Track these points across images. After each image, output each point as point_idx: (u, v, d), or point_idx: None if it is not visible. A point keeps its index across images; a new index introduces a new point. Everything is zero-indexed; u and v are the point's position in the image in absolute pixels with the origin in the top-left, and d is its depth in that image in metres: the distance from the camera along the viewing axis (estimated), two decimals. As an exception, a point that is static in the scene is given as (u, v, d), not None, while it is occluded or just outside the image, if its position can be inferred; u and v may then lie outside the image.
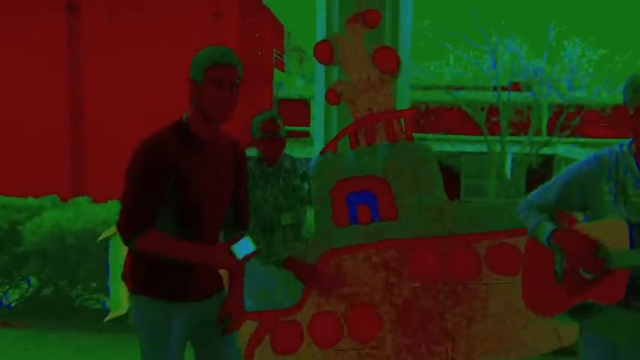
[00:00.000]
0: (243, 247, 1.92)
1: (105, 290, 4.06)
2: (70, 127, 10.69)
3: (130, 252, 2.06)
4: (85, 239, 4.65)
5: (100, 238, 2.89)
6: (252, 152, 2.86)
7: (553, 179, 2.05)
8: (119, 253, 2.72)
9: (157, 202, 1.94)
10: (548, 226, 1.93)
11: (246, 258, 1.93)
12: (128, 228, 1.94)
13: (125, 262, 2.11)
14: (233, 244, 1.92)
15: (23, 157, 10.31)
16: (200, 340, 2.13)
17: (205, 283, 2.09)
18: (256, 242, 2.34)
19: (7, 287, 5.32)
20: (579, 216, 2.06)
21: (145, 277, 2.03)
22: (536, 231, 1.97)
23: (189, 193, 1.97)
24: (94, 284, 4.91)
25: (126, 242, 1.96)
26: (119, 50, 10.41)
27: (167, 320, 2.00)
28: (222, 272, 2.20)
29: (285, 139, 2.90)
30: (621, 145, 1.92)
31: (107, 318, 3.26)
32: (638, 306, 1.81)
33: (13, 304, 5.31)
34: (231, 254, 1.91)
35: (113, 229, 2.67)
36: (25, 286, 5.27)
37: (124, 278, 2.14)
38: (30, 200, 5.31)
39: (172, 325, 2.01)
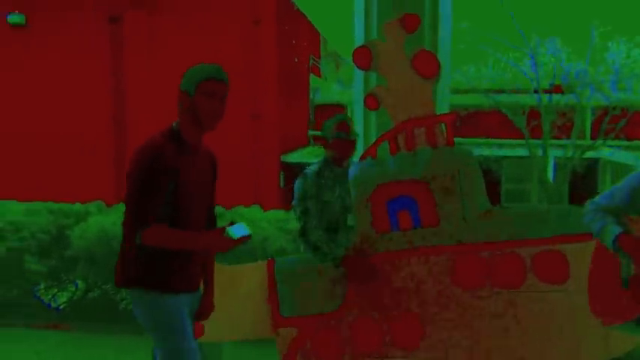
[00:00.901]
0: (238, 229, 2.08)
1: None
2: (114, 134, 10.98)
3: (130, 251, 2.16)
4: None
5: None
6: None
7: (622, 182, 2.02)
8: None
9: (160, 200, 2.10)
10: (614, 230, 1.89)
11: (241, 240, 2.08)
12: (135, 223, 2.09)
13: (122, 262, 2.21)
14: (227, 228, 2.08)
15: (69, 164, 10.64)
16: None
17: (197, 275, 2.30)
18: (318, 241, 2.60)
19: (56, 290, 5.49)
20: None
21: (153, 271, 2.16)
22: (602, 234, 1.94)
23: (183, 194, 2.16)
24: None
25: (130, 237, 2.10)
26: (160, 58, 10.63)
27: (180, 309, 2.18)
28: None
29: (355, 142, 2.99)
30: None
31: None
32: None
33: (61, 307, 5.48)
34: (226, 236, 2.07)
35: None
36: (73, 289, 5.43)
37: (119, 278, 2.23)
38: (77, 206, 5.48)
39: (184, 314, 2.19)
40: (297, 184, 2.90)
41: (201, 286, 2.40)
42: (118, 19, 11.05)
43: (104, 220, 4.97)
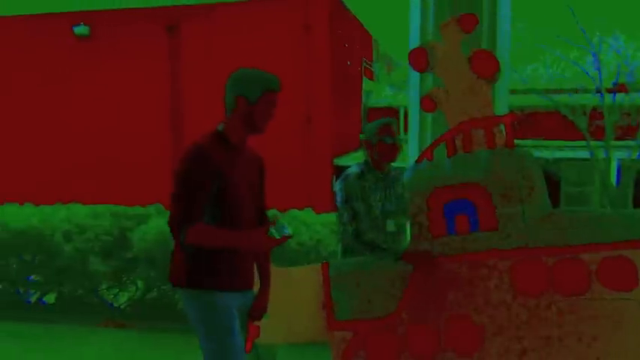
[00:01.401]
0: (280, 229, 2.13)
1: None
2: (171, 139, 11.31)
3: (181, 251, 2.24)
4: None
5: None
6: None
7: None
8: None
9: (204, 200, 2.17)
10: None
11: (284, 238, 2.14)
12: (180, 222, 2.14)
13: (174, 261, 2.29)
14: (270, 227, 2.13)
15: (130, 168, 11.03)
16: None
17: (247, 274, 2.34)
18: (376, 239, 2.68)
19: (118, 290, 5.69)
20: None
21: (200, 270, 2.21)
22: None
23: (230, 194, 2.22)
24: (194, 289, 5.12)
25: (176, 235, 2.17)
26: (215, 65, 10.88)
27: (230, 308, 2.22)
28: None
29: (401, 146, 2.95)
30: None
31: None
32: None
33: (122, 306, 5.67)
34: (269, 236, 2.12)
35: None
36: (133, 289, 5.60)
37: (172, 278, 2.31)
38: (137, 208, 5.66)
39: (232, 314, 2.23)
40: (339, 185, 2.88)
41: (256, 286, 2.43)
42: (175, 28, 11.38)
43: (163, 223, 5.10)
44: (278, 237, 2.12)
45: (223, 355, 2.21)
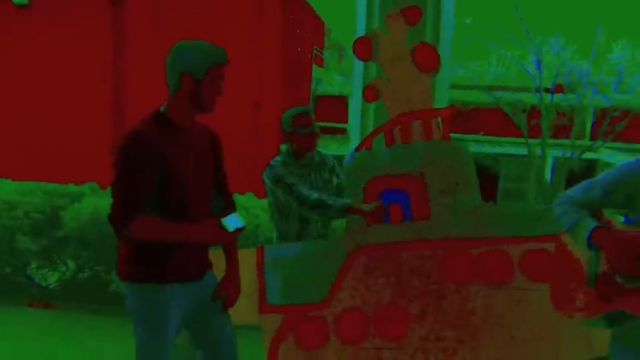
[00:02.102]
0: (233, 221, 2.03)
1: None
2: (112, 117, 10.95)
3: (122, 241, 2.12)
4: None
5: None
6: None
7: (597, 177, 1.96)
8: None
9: (146, 189, 2.01)
10: (590, 223, 1.85)
11: (237, 231, 2.04)
12: (120, 215, 1.99)
13: (118, 252, 2.16)
14: (221, 218, 2.02)
15: (65, 145, 10.61)
16: (197, 321, 2.21)
17: (197, 262, 2.18)
18: (319, 197, 2.63)
19: (47, 270, 5.49)
20: (618, 217, 1.97)
21: (139, 262, 2.09)
22: (576, 228, 1.89)
23: (175, 179, 2.05)
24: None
25: (118, 230, 2.01)
26: (162, 44, 10.57)
27: (164, 304, 2.08)
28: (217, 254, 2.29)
29: (317, 134, 2.91)
30: None
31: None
32: None
33: (51, 286, 5.48)
34: (221, 228, 2.01)
35: None
36: (64, 269, 5.42)
37: (117, 268, 2.19)
38: (71, 187, 5.46)
39: (169, 309, 2.09)
40: (266, 173, 2.88)
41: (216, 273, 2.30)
42: (119, 2, 10.98)
43: (98, 202, 4.96)
44: (230, 230, 2.01)
45: (146, 352, 2.10)
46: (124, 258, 2.13)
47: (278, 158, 2.95)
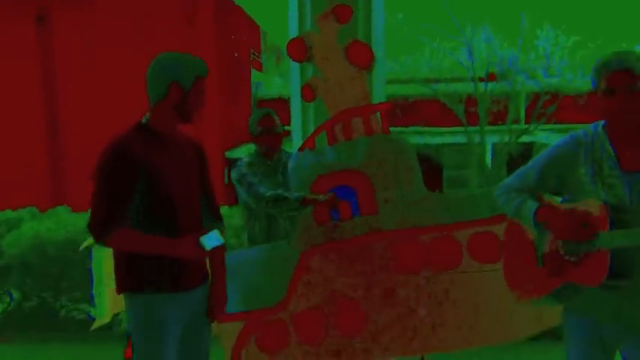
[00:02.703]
0: (211, 239, 2.01)
1: (89, 300, 4.02)
2: (47, 137, 10.54)
3: (115, 253, 2.11)
4: (66, 250, 4.59)
5: (81, 247, 2.86)
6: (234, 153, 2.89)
7: (530, 163, 2.05)
8: (102, 261, 2.69)
9: (126, 201, 2.00)
10: (533, 205, 1.93)
11: (214, 250, 2.03)
12: (98, 227, 1.99)
13: (114, 264, 2.14)
14: (201, 236, 2.01)
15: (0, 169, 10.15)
16: (188, 331, 2.18)
17: (192, 273, 2.15)
18: (275, 192, 2.67)
19: (-11, 302, 5.24)
20: (556, 199, 2.07)
21: (132, 272, 2.08)
22: (520, 211, 1.97)
23: (160, 191, 2.04)
24: (78, 294, 4.85)
25: (96, 240, 2.02)
26: (93, 59, 10.26)
27: (160, 314, 2.07)
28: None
29: (282, 135, 3.01)
30: (595, 126, 1.93)
31: (92, 327, 3.23)
32: (618, 286, 1.84)
33: (-5, 319, 5.23)
34: (199, 245, 2.00)
35: None
36: (7, 299, 5.19)
37: (115, 280, 2.15)
38: (8, 212, 5.24)
39: (166, 319, 2.07)
40: (233, 174, 2.95)
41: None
42: (45, 19, 10.59)
43: (39, 227, 4.78)
44: (207, 249, 1.99)
45: None
46: (120, 269, 2.11)
47: (245, 159, 3.02)
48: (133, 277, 2.08)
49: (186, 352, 2.18)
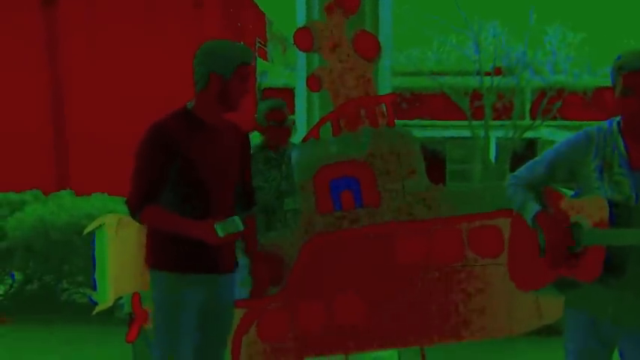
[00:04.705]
0: (229, 225, 2.06)
1: (91, 284, 4.05)
2: (52, 121, 10.54)
3: (147, 231, 2.21)
4: (69, 233, 4.62)
5: (85, 232, 2.88)
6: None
7: (542, 155, 2.09)
8: (104, 246, 2.71)
9: (160, 180, 2.11)
10: (533, 207, 1.97)
11: (229, 236, 2.07)
12: (133, 201, 2.12)
13: (146, 240, 2.24)
14: (216, 222, 2.05)
15: (3, 151, 10.16)
16: (207, 315, 2.22)
17: (220, 259, 2.20)
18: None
19: (-8, 284, 5.28)
20: (568, 192, 2.08)
21: (163, 250, 2.16)
22: (522, 210, 2.02)
23: (192, 175, 2.13)
24: (80, 278, 4.89)
25: (132, 215, 2.16)
26: (99, 43, 10.23)
27: (182, 295, 2.13)
28: None
29: (291, 128, 2.98)
30: (610, 123, 1.93)
31: (94, 311, 3.25)
32: (614, 283, 1.85)
33: (-2, 301, 5.28)
34: (213, 231, 2.05)
35: (98, 221, 2.69)
36: (10, 281, 5.23)
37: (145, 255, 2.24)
38: (11, 195, 5.27)
39: (186, 300, 2.13)
40: None
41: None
42: (52, 2, 10.57)
43: (42, 210, 4.80)
44: (221, 234, 2.04)
45: (163, 346, 2.15)
46: (148, 247, 2.21)
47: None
48: (161, 254, 2.16)
49: (203, 335, 2.23)
